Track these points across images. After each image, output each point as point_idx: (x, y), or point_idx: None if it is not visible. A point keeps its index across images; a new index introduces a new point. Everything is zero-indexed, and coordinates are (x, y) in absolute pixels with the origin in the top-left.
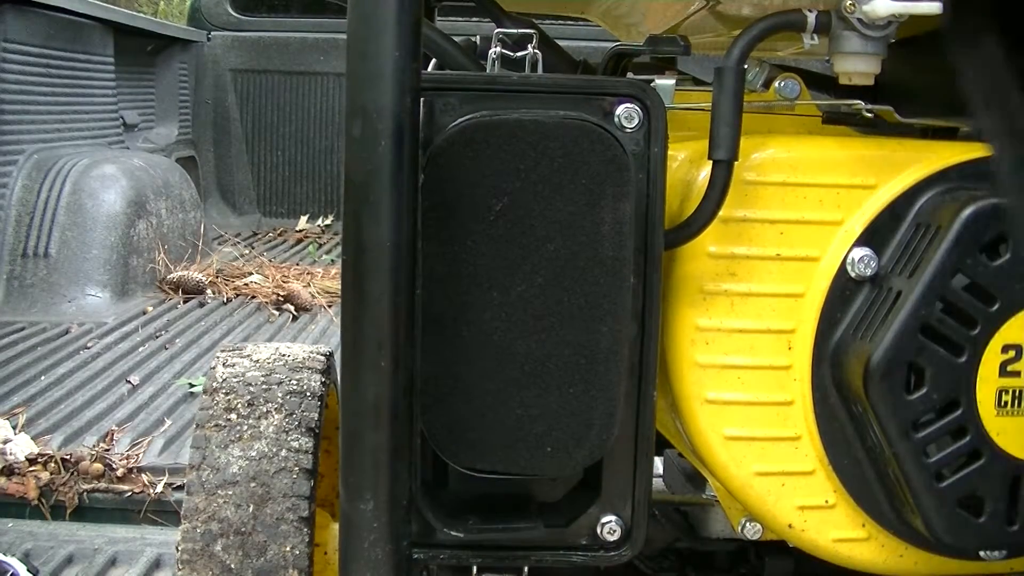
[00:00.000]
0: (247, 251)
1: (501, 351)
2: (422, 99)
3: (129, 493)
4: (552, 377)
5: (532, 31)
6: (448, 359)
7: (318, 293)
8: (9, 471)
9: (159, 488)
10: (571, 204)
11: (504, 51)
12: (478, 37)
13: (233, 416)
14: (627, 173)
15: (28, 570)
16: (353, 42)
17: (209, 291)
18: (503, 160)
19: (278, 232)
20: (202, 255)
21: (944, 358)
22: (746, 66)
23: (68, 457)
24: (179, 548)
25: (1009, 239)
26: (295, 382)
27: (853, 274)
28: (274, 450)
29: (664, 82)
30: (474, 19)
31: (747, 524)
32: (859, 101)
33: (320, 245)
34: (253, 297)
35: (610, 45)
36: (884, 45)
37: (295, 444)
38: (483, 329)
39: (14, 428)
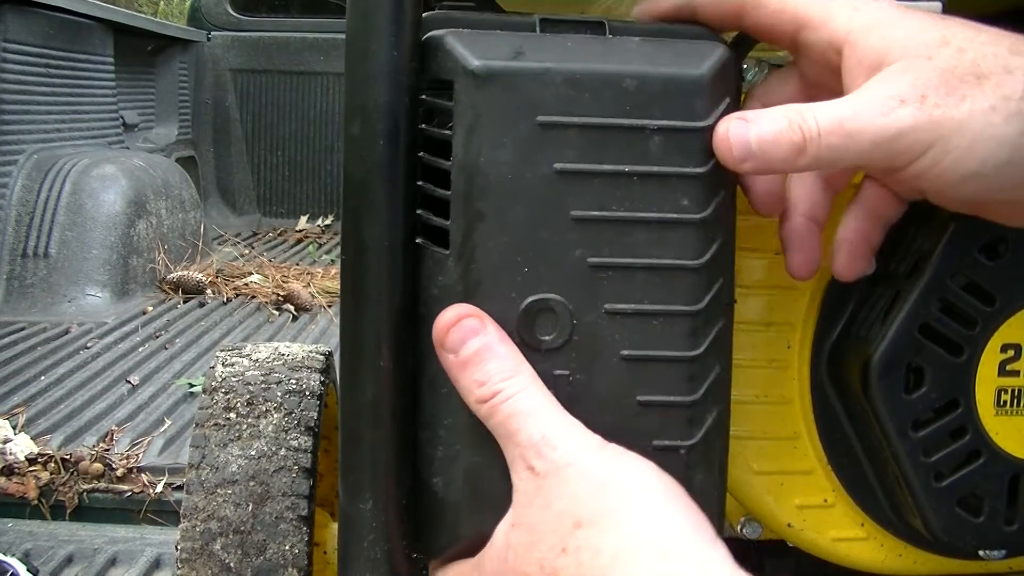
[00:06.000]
0: (247, 251)
1: None
2: None
3: (129, 493)
4: None
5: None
6: None
7: (318, 293)
8: (9, 471)
9: (159, 488)
10: None
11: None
12: None
13: (232, 415)
14: None
15: (28, 570)
16: (352, 41)
17: (209, 291)
18: None
19: (278, 232)
20: (202, 255)
21: (943, 358)
22: (745, 66)
23: (68, 457)
24: (179, 547)
25: (1008, 238)
26: (294, 381)
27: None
28: (273, 449)
29: None
30: None
31: (746, 524)
32: None
33: (320, 245)
34: (253, 297)
35: None
36: None
37: (294, 443)
38: None
39: (14, 428)
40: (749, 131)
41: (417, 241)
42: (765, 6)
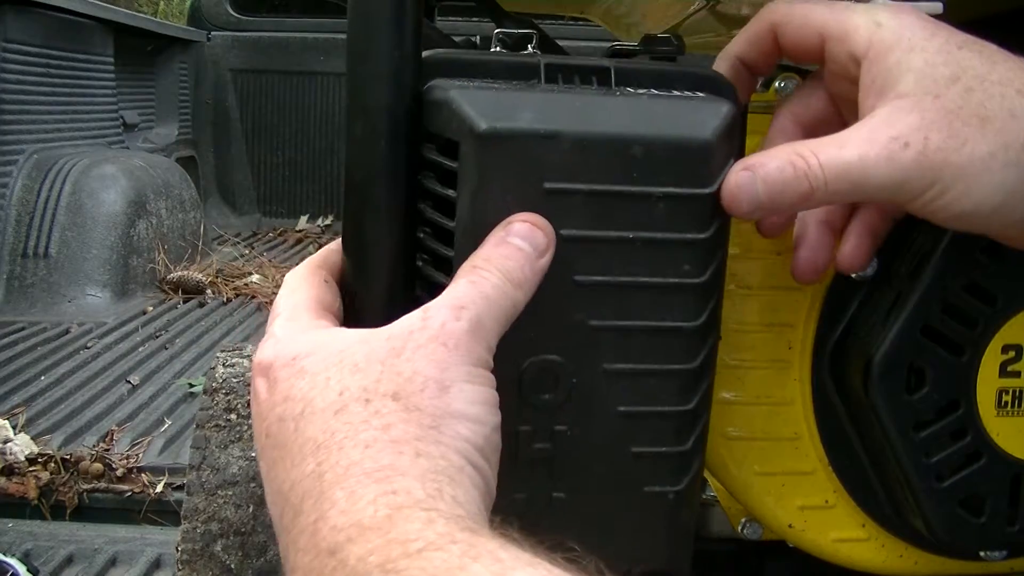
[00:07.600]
0: (247, 251)
1: None
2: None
3: (129, 493)
4: None
5: (532, 31)
6: None
7: None
8: (9, 471)
9: (159, 488)
10: None
11: (504, 51)
12: (478, 37)
13: (233, 416)
14: None
15: (28, 570)
16: (353, 42)
17: (209, 291)
18: None
19: (278, 232)
20: (202, 255)
21: (944, 358)
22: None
23: (68, 457)
24: (179, 548)
25: None
26: None
27: (853, 274)
28: None
29: None
30: (474, 19)
31: (747, 525)
32: None
33: (320, 245)
34: (253, 297)
35: (608, 45)
36: None
37: None
38: None
39: (14, 428)
40: (756, 184)
41: (417, 294)
42: (789, 23)
